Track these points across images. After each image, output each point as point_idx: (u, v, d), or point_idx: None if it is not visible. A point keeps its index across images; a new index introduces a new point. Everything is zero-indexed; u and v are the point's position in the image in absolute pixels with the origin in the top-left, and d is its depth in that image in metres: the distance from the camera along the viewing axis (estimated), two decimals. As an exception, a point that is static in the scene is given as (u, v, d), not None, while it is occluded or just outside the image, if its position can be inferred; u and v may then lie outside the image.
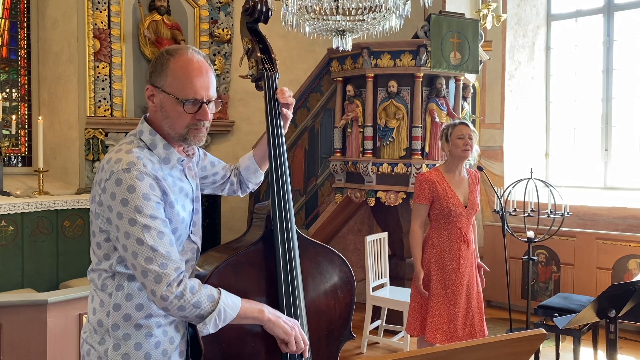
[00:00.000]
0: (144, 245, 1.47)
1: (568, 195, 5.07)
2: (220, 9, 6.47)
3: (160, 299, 1.47)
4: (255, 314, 1.58)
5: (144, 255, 1.47)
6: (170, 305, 1.48)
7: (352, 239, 6.06)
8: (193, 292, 1.49)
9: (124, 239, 1.49)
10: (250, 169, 1.98)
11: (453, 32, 4.65)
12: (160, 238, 1.49)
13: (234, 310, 1.53)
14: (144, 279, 1.48)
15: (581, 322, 3.26)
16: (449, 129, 3.37)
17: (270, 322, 1.59)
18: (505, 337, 1.06)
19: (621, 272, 5.19)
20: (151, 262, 1.47)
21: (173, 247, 1.53)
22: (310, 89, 5.47)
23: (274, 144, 1.79)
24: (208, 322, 1.50)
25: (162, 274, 1.47)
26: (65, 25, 5.88)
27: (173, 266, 1.49)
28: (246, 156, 1.99)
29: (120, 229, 1.49)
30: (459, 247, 3.34)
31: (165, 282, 1.46)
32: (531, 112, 6.38)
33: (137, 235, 1.47)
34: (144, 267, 1.47)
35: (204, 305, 1.50)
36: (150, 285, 1.47)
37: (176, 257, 1.52)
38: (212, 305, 1.50)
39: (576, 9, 6.26)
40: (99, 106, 5.89)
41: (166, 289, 1.46)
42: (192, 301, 1.48)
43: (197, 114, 1.58)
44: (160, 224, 1.51)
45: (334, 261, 1.86)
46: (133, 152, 1.55)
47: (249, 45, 1.91)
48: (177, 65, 1.56)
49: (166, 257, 1.48)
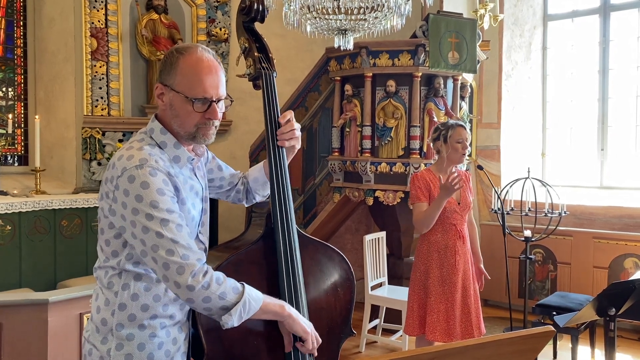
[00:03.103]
0: (164, 238, 1.46)
1: (564, 195, 5.10)
2: (217, 8, 6.46)
3: (186, 289, 1.44)
4: (276, 309, 1.57)
5: (165, 248, 1.45)
6: (195, 295, 1.45)
7: (349, 239, 6.07)
8: (219, 282, 1.48)
9: (142, 233, 1.47)
10: (259, 180, 1.94)
11: (451, 32, 4.66)
12: (179, 231, 1.48)
13: (257, 303, 1.52)
14: (166, 271, 1.46)
15: (581, 321, 3.28)
16: (448, 131, 3.34)
17: (290, 317, 1.58)
18: (514, 334, 1.07)
19: (618, 271, 5.22)
20: (173, 254, 1.45)
21: (192, 239, 1.52)
22: (308, 89, 5.47)
23: (273, 142, 1.78)
24: (234, 313, 1.48)
25: (185, 265, 1.45)
26: (62, 24, 5.86)
27: (195, 257, 1.48)
28: (256, 167, 1.96)
29: (137, 225, 1.47)
30: (454, 243, 3.35)
31: (190, 273, 1.44)
32: (528, 112, 6.41)
33: (155, 229, 1.46)
34: (165, 259, 1.45)
35: (230, 297, 1.48)
36: (173, 277, 1.45)
37: (196, 249, 1.51)
38: (238, 296, 1.49)
39: (572, 10, 6.29)
40: (96, 105, 5.88)
41: (192, 279, 1.44)
42: (218, 292, 1.47)
43: (207, 112, 1.58)
44: (177, 217, 1.50)
45: (334, 258, 1.86)
46: (144, 149, 1.55)
47: (245, 45, 1.91)
48: (186, 63, 1.56)
49: (187, 248, 1.47)
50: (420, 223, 3.34)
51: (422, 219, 3.31)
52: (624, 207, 5.49)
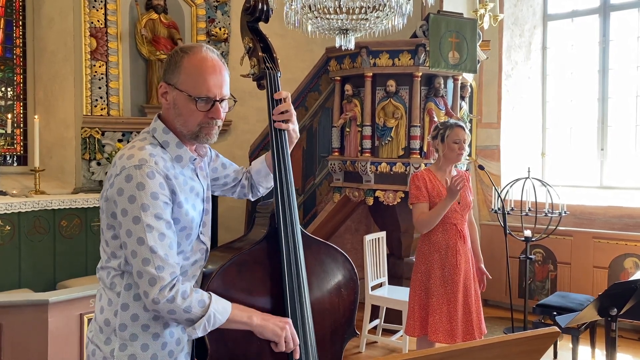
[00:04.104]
0: (144, 246, 1.47)
1: (564, 195, 5.10)
2: (217, 8, 6.45)
3: (151, 301, 1.48)
4: (244, 319, 1.58)
5: (142, 256, 1.47)
6: (160, 308, 1.49)
7: (349, 239, 6.07)
8: (184, 297, 1.50)
9: (125, 236, 1.49)
10: (261, 172, 1.95)
11: (451, 31, 4.66)
12: (161, 240, 1.49)
13: (223, 316, 1.54)
14: (139, 279, 1.49)
15: (582, 321, 3.27)
16: (446, 130, 3.35)
17: (259, 327, 1.59)
18: (520, 335, 1.07)
19: (618, 271, 5.22)
20: (148, 264, 1.47)
21: (172, 250, 1.52)
22: (309, 88, 5.47)
23: (276, 141, 1.77)
24: (197, 327, 1.51)
25: (157, 278, 1.47)
26: (62, 24, 5.85)
27: (169, 270, 1.49)
28: (258, 160, 1.97)
29: (123, 226, 1.49)
30: (455, 243, 3.35)
31: (159, 286, 1.47)
32: (528, 112, 6.41)
33: (138, 234, 1.48)
34: (140, 268, 1.48)
35: (194, 310, 1.50)
36: (143, 286, 1.48)
37: (173, 260, 1.52)
38: (203, 310, 1.51)
39: (572, 9, 6.29)
40: (95, 105, 5.87)
41: (158, 293, 1.47)
42: (182, 306, 1.49)
43: (210, 112, 1.58)
44: (163, 225, 1.50)
45: (338, 259, 1.86)
46: (146, 149, 1.55)
47: (250, 45, 1.90)
48: (191, 63, 1.56)
49: (164, 260, 1.49)
50: (422, 224, 3.34)
51: (425, 220, 3.31)
52: (623, 207, 5.50)
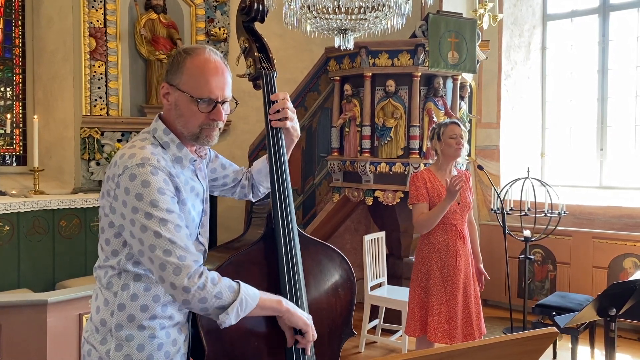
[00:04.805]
0: (162, 238, 1.45)
1: (564, 195, 5.10)
2: (216, 8, 6.45)
3: (181, 290, 1.44)
4: (273, 305, 1.57)
5: (162, 248, 1.45)
6: (192, 297, 1.45)
7: (349, 239, 6.07)
8: (214, 283, 1.48)
9: (140, 232, 1.47)
10: (262, 172, 1.94)
11: (451, 31, 4.66)
12: (177, 231, 1.48)
13: (254, 300, 1.52)
14: (162, 271, 1.46)
15: (582, 321, 3.27)
16: (441, 128, 3.39)
17: (288, 312, 1.58)
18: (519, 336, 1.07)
19: (617, 271, 5.22)
20: (170, 255, 1.45)
21: (190, 240, 1.52)
22: (308, 89, 5.46)
23: (273, 141, 1.77)
24: (230, 311, 1.48)
25: (182, 266, 1.45)
26: (61, 24, 5.85)
27: (192, 258, 1.48)
28: (259, 160, 1.97)
29: (136, 223, 1.47)
30: (455, 244, 3.35)
31: (186, 274, 1.44)
32: (527, 112, 6.41)
33: (154, 228, 1.46)
34: (162, 260, 1.45)
35: (226, 296, 1.48)
36: (169, 278, 1.45)
37: (194, 250, 1.51)
38: (234, 295, 1.49)
39: (572, 9, 6.30)
40: (94, 105, 5.87)
41: (188, 281, 1.44)
42: (214, 292, 1.46)
43: (211, 113, 1.58)
44: (176, 217, 1.50)
45: (335, 259, 1.86)
46: (147, 148, 1.55)
47: (245, 45, 1.90)
48: (193, 64, 1.56)
49: (184, 249, 1.47)
50: (421, 225, 3.34)
51: (424, 221, 3.31)
52: (623, 207, 5.50)
